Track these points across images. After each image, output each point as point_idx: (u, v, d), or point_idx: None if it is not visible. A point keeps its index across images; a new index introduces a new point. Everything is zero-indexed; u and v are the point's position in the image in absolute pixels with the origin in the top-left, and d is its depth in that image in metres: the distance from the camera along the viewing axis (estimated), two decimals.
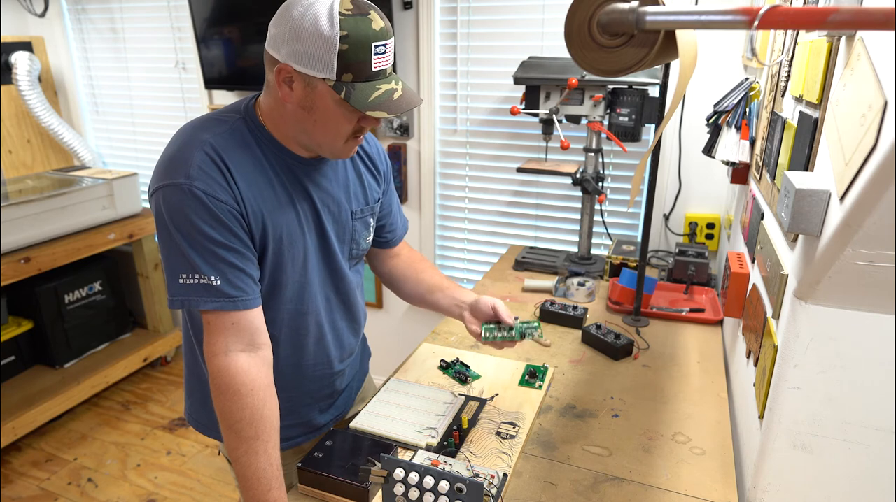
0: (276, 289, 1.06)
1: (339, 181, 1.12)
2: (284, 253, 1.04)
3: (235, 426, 0.96)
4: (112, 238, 2.76)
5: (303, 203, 1.06)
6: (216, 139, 0.96)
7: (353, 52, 0.90)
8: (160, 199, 0.94)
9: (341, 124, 0.97)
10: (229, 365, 0.96)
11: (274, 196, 1.01)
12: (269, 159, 1.02)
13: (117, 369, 2.88)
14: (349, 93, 0.92)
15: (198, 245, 0.94)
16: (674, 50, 0.82)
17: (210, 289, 0.94)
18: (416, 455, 1.03)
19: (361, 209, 1.17)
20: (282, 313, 1.08)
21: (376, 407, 1.20)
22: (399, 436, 1.11)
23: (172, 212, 0.93)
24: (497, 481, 0.96)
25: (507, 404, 1.23)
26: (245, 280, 0.97)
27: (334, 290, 1.17)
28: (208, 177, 0.93)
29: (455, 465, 0.98)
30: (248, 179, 0.98)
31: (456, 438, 1.10)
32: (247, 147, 1.00)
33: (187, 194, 0.92)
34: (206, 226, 0.93)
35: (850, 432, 0.85)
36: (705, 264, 1.76)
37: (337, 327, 1.20)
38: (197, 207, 0.92)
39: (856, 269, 0.72)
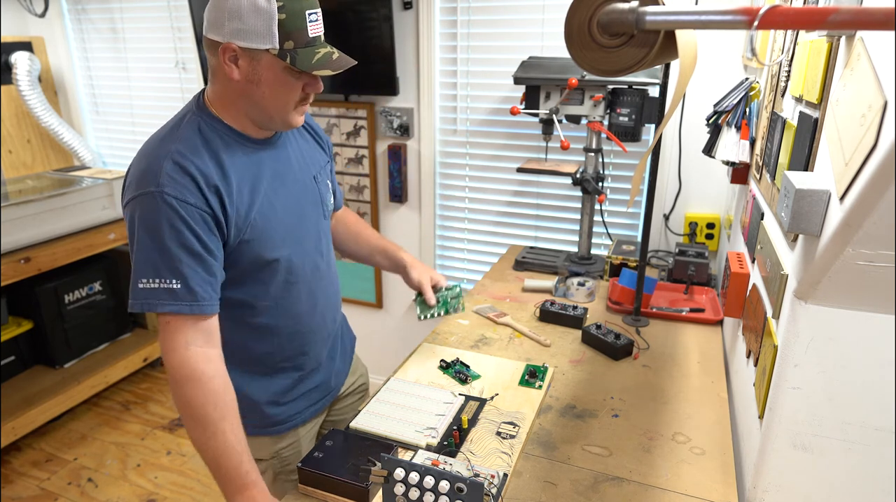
0: (263, 268, 1.12)
1: (293, 151, 1.20)
2: (265, 234, 1.10)
3: (201, 411, 1.01)
4: (112, 238, 2.76)
5: (271, 180, 1.12)
6: (181, 145, 1.03)
7: (291, 21, 0.98)
8: (132, 209, 1.01)
9: (289, 91, 1.04)
10: (189, 357, 1.01)
11: (246, 182, 1.08)
12: (231, 148, 1.08)
13: (117, 369, 2.88)
14: (293, 58, 1.00)
15: (163, 249, 0.99)
16: (674, 50, 0.82)
17: (170, 292, 0.99)
18: (416, 455, 1.03)
19: (319, 173, 1.26)
20: (272, 287, 1.15)
21: (376, 407, 1.20)
22: (399, 436, 1.11)
23: (142, 219, 0.99)
24: (497, 481, 0.96)
25: (507, 404, 1.23)
26: (205, 285, 1.02)
27: (320, 254, 1.25)
28: (177, 183, 0.99)
29: (455, 465, 0.98)
30: (218, 174, 1.04)
31: (456, 438, 1.10)
32: (209, 142, 1.06)
33: (158, 201, 0.98)
34: (173, 230, 0.98)
35: (850, 432, 0.85)
36: (705, 264, 1.76)
37: (327, 292, 1.28)
38: (167, 212, 0.98)
39: (856, 269, 0.72)
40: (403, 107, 2.39)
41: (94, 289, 2.91)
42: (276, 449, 1.29)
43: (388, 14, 2.18)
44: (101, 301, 2.94)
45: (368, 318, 2.81)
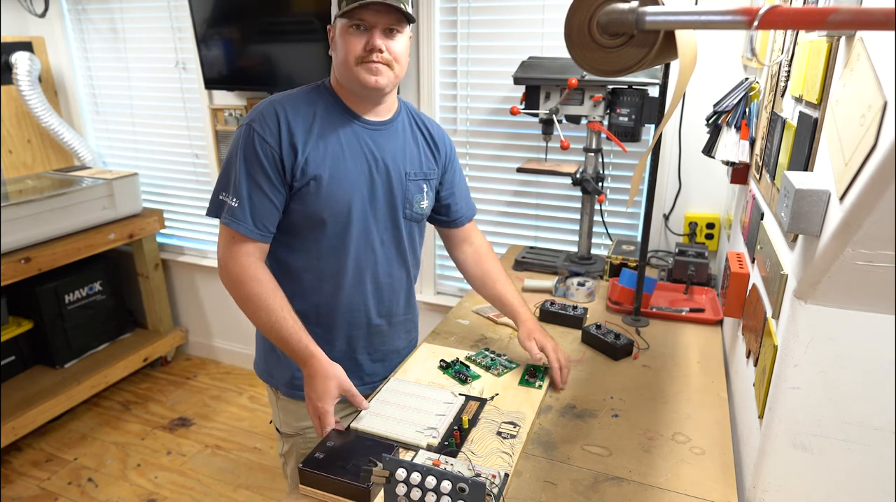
0: (318, 224, 1.25)
1: (396, 144, 1.32)
2: (327, 190, 1.22)
3: (264, 303, 1.19)
4: (112, 238, 2.76)
5: (356, 156, 1.26)
6: (285, 98, 1.24)
7: None
8: (235, 134, 1.22)
9: (347, 44, 1.18)
10: (249, 263, 1.21)
11: (325, 142, 1.23)
12: (331, 115, 1.25)
13: (117, 369, 2.88)
14: (342, 9, 1.15)
15: (235, 171, 1.19)
16: (673, 50, 0.82)
17: (230, 209, 1.19)
18: (417, 455, 1.03)
19: (415, 173, 1.35)
20: (322, 245, 1.28)
21: (377, 407, 1.20)
22: (400, 437, 1.11)
23: (234, 144, 1.21)
24: (498, 481, 0.96)
25: (507, 404, 1.23)
26: (256, 213, 1.20)
27: (380, 243, 1.33)
28: (265, 122, 1.19)
29: (456, 465, 0.98)
30: (303, 128, 1.21)
31: (457, 438, 1.10)
32: (312, 105, 1.24)
33: (246, 132, 1.20)
34: (245, 159, 1.19)
35: (850, 432, 0.85)
36: (705, 264, 1.76)
37: (378, 279, 1.36)
38: (247, 142, 1.19)
39: (856, 269, 0.72)
40: None
41: (95, 289, 2.91)
42: (301, 426, 1.37)
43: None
44: (101, 301, 2.95)
45: None
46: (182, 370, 3.23)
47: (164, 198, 3.11)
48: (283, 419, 1.40)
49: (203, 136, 2.86)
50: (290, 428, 1.39)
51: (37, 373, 2.77)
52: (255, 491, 2.34)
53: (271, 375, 1.39)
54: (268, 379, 1.41)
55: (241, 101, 2.70)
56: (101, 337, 2.99)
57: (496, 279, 1.47)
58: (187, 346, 3.37)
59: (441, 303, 2.57)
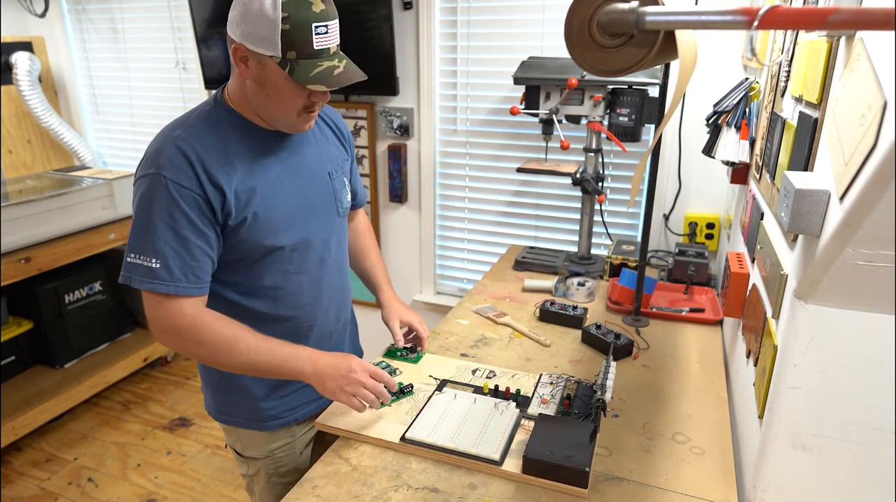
0: (263, 254, 1.15)
1: (310, 146, 1.23)
2: (265, 220, 1.12)
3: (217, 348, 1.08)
4: (112, 238, 2.76)
5: (279, 171, 1.15)
6: (186, 131, 1.07)
7: (295, 32, 0.99)
8: (136, 189, 1.07)
9: (291, 99, 1.06)
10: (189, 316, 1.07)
11: (250, 170, 1.11)
12: (242, 137, 1.12)
13: (117, 369, 2.88)
14: (293, 68, 1.01)
15: (151, 228, 1.04)
16: (674, 50, 0.82)
17: (149, 270, 1.04)
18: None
19: (335, 169, 1.27)
20: (272, 275, 1.18)
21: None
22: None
23: (140, 198, 1.05)
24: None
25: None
26: (185, 268, 1.06)
27: (327, 251, 1.26)
28: (175, 166, 1.03)
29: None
30: (219, 162, 1.07)
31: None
32: (218, 130, 1.10)
33: (155, 182, 1.03)
34: (164, 211, 1.03)
35: (850, 432, 0.85)
36: (705, 264, 1.76)
37: (333, 289, 1.30)
38: (161, 193, 1.03)
39: (856, 269, 0.72)
40: (403, 107, 2.39)
41: (94, 289, 2.91)
42: (269, 449, 1.29)
43: (388, 14, 2.18)
44: (101, 301, 2.94)
45: (367, 318, 2.80)
46: (182, 370, 3.22)
47: None
48: (247, 445, 1.30)
49: None
50: (258, 452, 1.30)
51: (37, 373, 2.77)
52: None
53: (230, 414, 1.29)
54: (226, 419, 1.30)
55: None
56: (101, 337, 2.99)
57: (367, 256, 1.50)
58: None
59: (441, 303, 2.57)
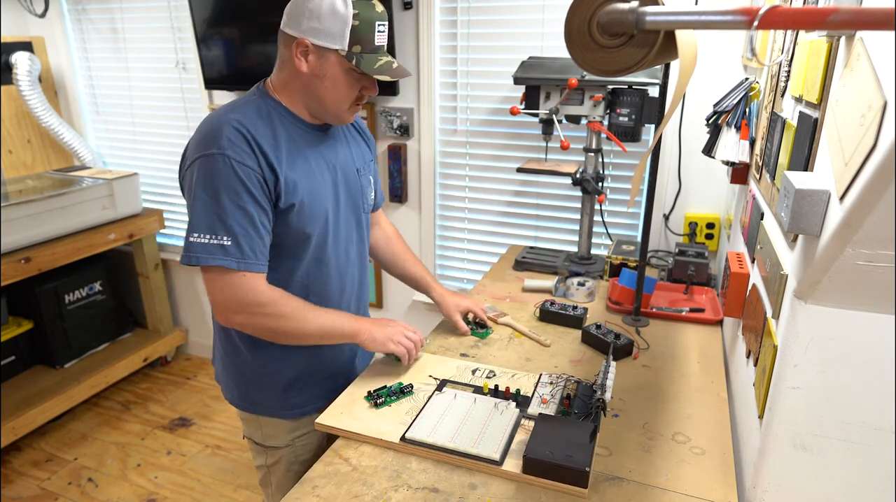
0: (301, 241, 1.22)
1: (342, 143, 1.32)
2: (308, 208, 1.19)
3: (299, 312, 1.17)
4: (112, 238, 2.76)
5: (319, 163, 1.23)
6: (241, 116, 1.13)
7: (362, 29, 1.11)
8: (195, 169, 1.10)
9: (347, 89, 1.17)
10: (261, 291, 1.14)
11: (294, 159, 1.18)
12: (287, 127, 1.19)
13: (117, 369, 2.88)
14: (359, 61, 1.13)
15: (219, 207, 1.08)
16: (674, 50, 0.82)
17: (222, 248, 1.09)
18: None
19: (361, 167, 1.35)
20: (305, 264, 1.25)
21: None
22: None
23: (204, 178, 1.09)
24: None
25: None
26: (253, 245, 1.12)
27: (353, 245, 1.34)
28: (236, 146, 1.09)
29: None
30: (271, 146, 1.14)
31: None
32: (267, 119, 1.17)
33: (219, 161, 1.08)
34: (230, 190, 1.08)
35: (850, 432, 0.85)
36: (705, 264, 1.76)
37: (355, 280, 1.37)
38: (226, 172, 1.08)
39: (856, 269, 0.72)
40: (403, 107, 2.39)
41: (95, 289, 2.91)
42: (291, 438, 1.34)
43: (388, 14, 2.17)
44: (102, 301, 2.94)
45: None
46: (182, 370, 3.23)
47: (164, 198, 3.10)
48: (268, 434, 1.35)
49: None
50: (280, 441, 1.34)
51: (37, 373, 2.77)
52: (255, 491, 2.34)
53: (254, 403, 1.33)
54: (249, 407, 1.34)
55: None
56: (101, 337, 2.99)
57: (406, 259, 1.58)
58: (187, 346, 3.37)
59: None
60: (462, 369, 1.36)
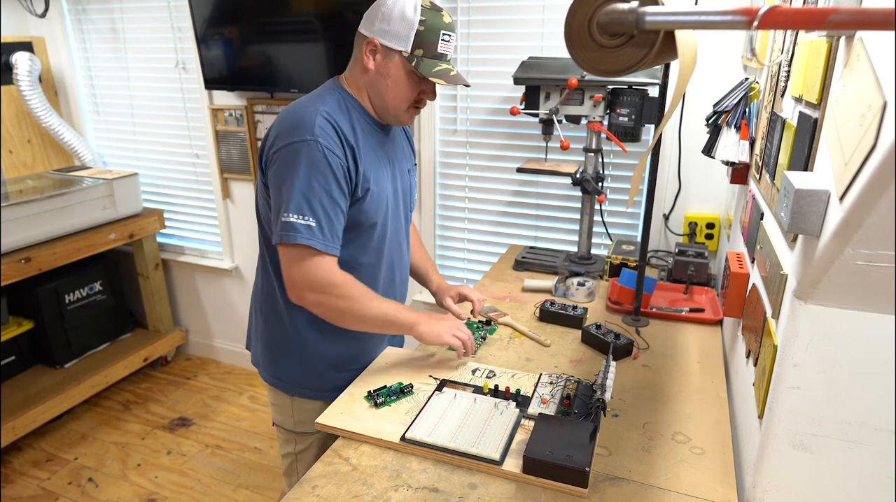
0: (368, 230, 1.30)
1: (396, 144, 1.40)
2: (376, 198, 1.28)
3: (348, 304, 1.22)
4: (112, 238, 2.76)
5: (382, 158, 1.32)
6: (328, 107, 1.21)
7: (427, 34, 1.19)
8: (285, 154, 1.17)
9: (407, 90, 1.25)
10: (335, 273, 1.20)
11: (367, 152, 1.26)
12: (360, 121, 1.27)
13: (117, 369, 2.88)
14: (419, 63, 1.21)
15: (309, 190, 1.16)
16: (673, 50, 0.82)
17: (308, 228, 1.16)
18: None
19: (409, 168, 1.45)
20: (368, 251, 1.33)
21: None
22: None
23: (295, 162, 1.16)
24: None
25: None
26: (332, 228, 1.19)
27: (403, 238, 1.44)
28: (327, 135, 1.17)
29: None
30: (352, 137, 1.22)
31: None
32: (347, 114, 1.25)
33: (312, 147, 1.16)
34: (320, 174, 1.16)
35: (850, 432, 0.85)
36: (705, 264, 1.76)
37: (403, 273, 1.47)
38: (318, 158, 1.16)
39: (855, 269, 0.72)
40: None
41: (95, 289, 2.91)
42: None
43: None
44: (102, 301, 2.95)
45: None
46: (182, 370, 3.23)
47: (164, 198, 3.11)
48: (300, 419, 1.39)
49: (203, 137, 2.86)
50: (312, 426, 1.33)
51: (37, 372, 2.77)
52: (255, 491, 2.34)
53: (291, 383, 1.38)
54: (285, 387, 1.38)
55: (241, 102, 2.70)
56: (101, 337, 2.99)
57: (414, 252, 1.61)
58: (187, 346, 3.37)
59: None
60: (462, 369, 1.36)
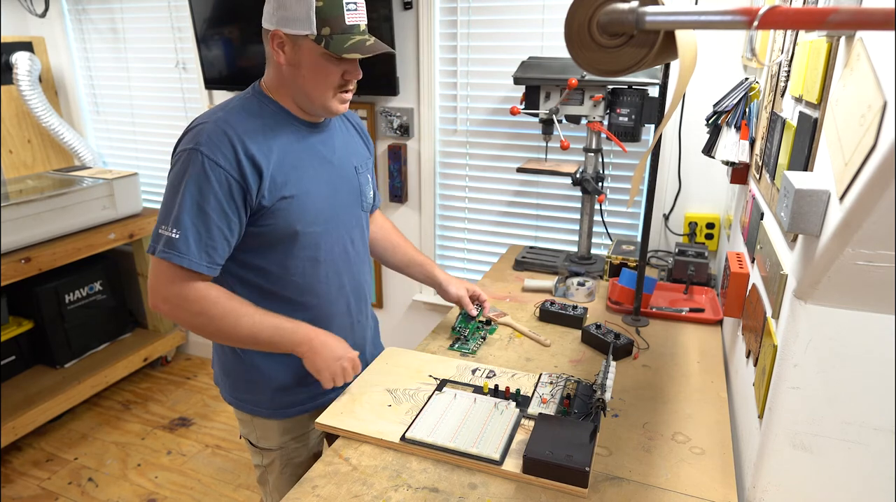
0: (290, 238, 1.19)
1: (338, 141, 1.29)
2: (298, 205, 1.17)
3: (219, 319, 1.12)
4: (112, 238, 2.76)
5: (313, 160, 1.21)
6: (228, 114, 1.13)
7: (328, 9, 1.07)
8: (176, 160, 1.11)
9: (327, 76, 1.13)
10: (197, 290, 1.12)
11: (285, 155, 1.16)
12: (279, 124, 1.18)
13: (117, 369, 2.88)
14: (328, 42, 1.08)
15: (178, 200, 1.08)
16: (673, 50, 0.82)
17: (169, 240, 1.08)
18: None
19: (360, 164, 1.34)
20: (299, 261, 1.22)
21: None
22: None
23: (176, 173, 1.10)
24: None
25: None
26: (200, 245, 1.09)
27: (350, 242, 1.32)
28: (214, 144, 1.08)
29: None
30: (258, 144, 1.13)
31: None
32: (257, 117, 1.16)
33: (192, 156, 1.08)
34: (194, 185, 1.08)
35: (850, 432, 0.85)
36: (705, 264, 1.76)
37: (355, 278, 1.35)
38: (195, 168, 1.08)
39: (855, 269, 0.72)
40: (403, 107, 2.39)
41: (95, 288, 2.91)
42: (283, 440, 1.33)
43: (388, 14, 2.18)
44: (102, 301, 2.94)
45: None
46: (182, 370, 3.23)
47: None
48: (261, 436, 1.35)
49: None
50: (272, 442, 1.34)
51: (37, 373, 2.77)
52: (255, 490, 2.34)
53: (248, 402, 1.33)
54: (242, 406, 1.34)
55: None
56: (102, 337, 2.99)
57: (406, 247, 1.57)
58: (187, 346, 3.37)
59: (441, 303, 2.57)
60: (462, 369, 1.36)
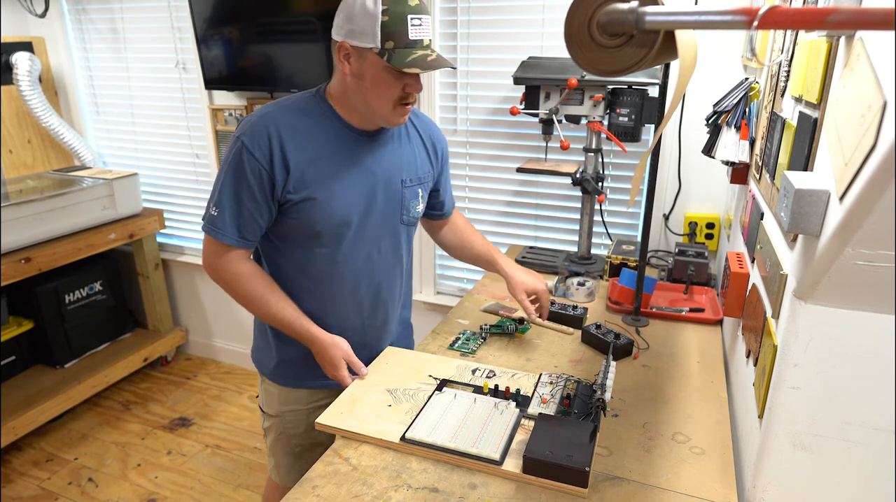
0: (312, 235, 1.26)
1: (392, 152, 1.32)
2: (322, 207, 1.23)
3: (256, 297, 1.26)
4: (112, 238, 2.76)
5: (352, 168, 1.26)
6: (277, 110, 1.22)
7: (393, 24, 1.11)
8: (229, 145, 1.22)
9: (388, 88, 1.17)
10: (233, 268, 1.25)
11: (320, 157, 1.22)
12: (326, 127, 1.24)
13: (117, 369, 2.88)
14: (390, 56, 1.12)
15: (220, 183, 1.21)
16: (673, 50, 0.82)
17: (211, 218, 1.22)
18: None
19: (411, 179, 1.36)
20: (316, 254, 1.29)
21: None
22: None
23: (225, 156, 1.22)
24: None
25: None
26: (233, 223, 1.21)
27: (377, 251, 1.36)
28: (254, 136, 1.18)
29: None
30: (297, 139, 1.20)
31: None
32: (306, 115, 1.23)
33: (236, 144, 1.19)
34: (232, 172, 1.19)
35: (849, 432, 0.85)
36: (705, 264, 1.76)
37: (375, 284, 1.38)
38: (236, 156, 1.19)
39: (855, 269, 0.72)
40: None
41: (95, 289, 2.91)
42: (281, 409, 1.42)
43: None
44: (102, 301, 2.95)
45: None
46: (182, 370, 3.23)
47: (164, 198, 3.10)
48: (265, 400, 1.47)
49: (203, 136, 2.86)
50: (272, 409, 1.45)
51: (37, 373, 2.77)
52: (255, 490, 2.34)
53: (259, 361, 1.46)
54: (257, 364, 1.47)
55: (241, 101, 2.70)
56: (102, 337, 2.99)
57: (473, 242, 1.58)
58: (187, 346, 3.37)
59: (441, 303, 2.57)
60: (462, 369, 1.36)
